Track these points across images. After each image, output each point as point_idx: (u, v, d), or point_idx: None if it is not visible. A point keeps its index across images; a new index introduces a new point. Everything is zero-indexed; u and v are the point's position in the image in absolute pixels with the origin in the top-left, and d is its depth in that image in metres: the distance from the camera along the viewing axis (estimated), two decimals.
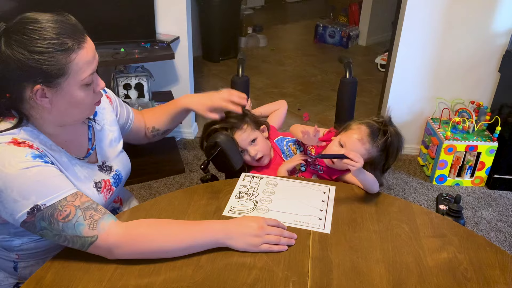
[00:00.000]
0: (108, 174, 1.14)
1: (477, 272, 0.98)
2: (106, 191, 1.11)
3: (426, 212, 1.19)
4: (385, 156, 1.33)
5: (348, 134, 1.33)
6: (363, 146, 1.29)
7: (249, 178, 1.30)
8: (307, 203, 1.20)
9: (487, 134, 2.54)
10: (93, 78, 0.97)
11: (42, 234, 0.92)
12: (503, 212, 2.39)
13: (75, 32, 0.92)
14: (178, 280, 0.92)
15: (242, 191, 1.24)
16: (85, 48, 0.93)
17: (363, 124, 1.32)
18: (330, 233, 1.09)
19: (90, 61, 0.94)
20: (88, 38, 0.95)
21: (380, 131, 1.30)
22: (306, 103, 3.60)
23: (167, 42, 2.50)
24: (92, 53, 0.95)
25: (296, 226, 1.11)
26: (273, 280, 0.93)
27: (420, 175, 2.70)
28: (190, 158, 2.78)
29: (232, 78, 1.71)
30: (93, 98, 1.01)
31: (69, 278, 0.92)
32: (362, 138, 1.29)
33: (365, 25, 5.05)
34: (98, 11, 2.32)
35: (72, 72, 0.92)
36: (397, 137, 1.31)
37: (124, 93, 2.55)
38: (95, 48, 0.97)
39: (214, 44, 4.36)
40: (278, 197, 1.22)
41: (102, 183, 1.11)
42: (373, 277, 0.96)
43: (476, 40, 2.54)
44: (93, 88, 0.99)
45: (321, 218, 1.14)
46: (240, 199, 1.20)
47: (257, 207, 1.17)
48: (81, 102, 0.97)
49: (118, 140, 1.22)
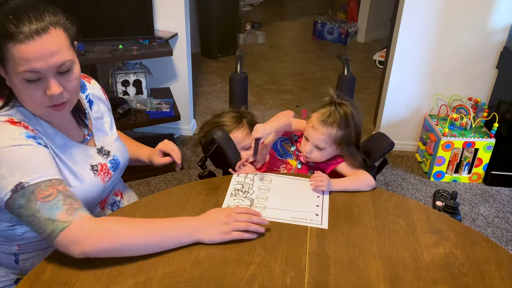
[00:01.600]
0: (105, 158, 1.15)
1: (473, 267, 0.99)
2: (103, 174, 1.12)
3: (423, 208, 1.20)
4: (351, 130, 1.33)
5: (307, 126, 1.37)
6: (317, 132, 1.32)
7: (242, 175, 1.31)
8: (303, 199, 1.21)
9: (485, 131, 2.55)
10: (41, 77, 0.90)
11: (18, 214, 0.90)
12: (500, 208, 2.40)
13: (31, 26, 0.86)
14: (176, 276, 0.93)
15: (238, 188, 1.24)
16: (28, 45, 0.86)
17: (315, 112, 1.36)
18: (327, 228, 1.10)
19: (31, 60, 0.87)
20: (49, 38, 0.88)
21: (331, 110, 1.32)
22: (305, 99, 3.60)
23: (165, 38, 2.50)
24: (36, 53, 0.87)
25: (294, 223, 1.11)
26: (270, 275, 0.94)
27: (418, 171, 2.71)
28: (188, 154, 2.79)
29: (231, 75, 1.72)
30: (43, 99, 0.93)
31: (68, 274, 0.92)
32: (314, 125, 1.33)
33: (363, 21, 5.05)
34: (97, 8, 2.32)
35: (9, 60, 0.88)
36: (350, 108, 1.32)
37: (123, 89, 2.55)
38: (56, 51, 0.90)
39: (213, 41, 4.36)
40: (274, 194, 1.23)
41: (99, 166, 1.12)
42: (370, 272, 0.96)
43: (474, 36, 2.55)
44: (44, 89, 0.92)
45: (318, 214, 1.15)
46: (236, 197, 1.20)
47: (254, 205, 1.17)
48: (26, 95, 0.93)
49: (112, 130, 1.24)
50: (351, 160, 1.35)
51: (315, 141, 1.33)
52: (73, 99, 1.01)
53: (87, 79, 1.22)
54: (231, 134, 1.45)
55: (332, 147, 1.34)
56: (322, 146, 1.33)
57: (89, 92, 1.19)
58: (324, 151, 1.35)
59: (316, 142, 1.33)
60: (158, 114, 2.49)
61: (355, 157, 1.34)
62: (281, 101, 3.54)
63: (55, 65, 0.91)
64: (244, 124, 1.51)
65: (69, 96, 0.97)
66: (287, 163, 1.47)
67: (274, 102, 3.54)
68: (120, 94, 2.56)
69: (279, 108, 3.40)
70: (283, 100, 3.57)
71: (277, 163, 1.48)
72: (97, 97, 1.21)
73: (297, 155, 1.47)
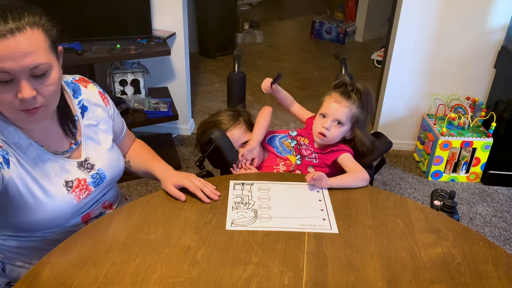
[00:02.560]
0: (86, 173, 1.09)
1: (471, 267, 0.99)
2: (79, 190, 1.07)
3: (420, 207, 1.20)
4: (365, 111, 1.40)
5: (325, 104, 1.39)
6: (342, 106, 1.36)
7: (239, 186, 1.25)
8: (306, 204, 1.19)
9: (483, 130, 2.55)
10: (13, 79, 0.86)
11: None
12: (498, 207, 2.40)
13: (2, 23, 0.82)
14: (174, 276, 0.93)
15: (237, 201, 1.19)
16: None
17: (333, 92, 1.41)
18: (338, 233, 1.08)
19: (1, 59, 0.83)
20: (22, 37, 0.84)
21: (351, 91, 1.39)
22: (303, 99, 3.60)
23: (163, 38, 2.50)
24: (6, 52, 0.83)
25: (304, 230, 1.09)
26: (268, 275, 0.94)
27: (416, 171, 2.72)
28: (187, 154, 2.78)
29: (228, 75, 1.71)
30: (13, 102, 0.88)
31: (65, 275, 0.92)
32: (337, 99, 1.37)
33: (361, 21, 5.05)
34: (94, 7, 2.31)
35: None
36: (366, 89, 1.40)
37: (120, 89, 2.55)
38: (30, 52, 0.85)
39: (211, 40, 4.36)
40: (276, 203, 1.19)
41: (75, 181, 1.06)
42: (367, 272, 0.96)
43: (472, 36, 2.55)
44: (17, 92, 0.87)
45: (325, 218, 1.13)
46: (238, 210, 1.15)
47: (259, 215, 1.13)
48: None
49: (107, 139, 1.17)
50: (360, 143, 1.40)
51: (338, 114, 1.36)
52: (49, 105, 0.95)
53: (84, 83, 1.16)
54: (228, 132, 1.45)
55: (348, 124, 1.38)
56: (343, 120, 1.36)
57: (83, 97, 1.13)
58: (342, 128, 1.38)
59: (339, 116, 1.36)
60: (156, 114, 2.49)
61: (364, 140, 1.40)
62: None
63: (28, 67, 0.86)
64: (241, 121, 1.51)
65: (45, 101, 0.92)
66: (286, 159, 1.47)
67: (272, 101, 3.54)
68: (118, 94, 2.55)
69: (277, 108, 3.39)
70: None
71: (276, 160, 1.49)
72: (94, 103, 1.15)
73: (298, 150, 1.47)
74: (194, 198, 1.18)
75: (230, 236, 1.05)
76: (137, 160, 1.30)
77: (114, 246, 1.00)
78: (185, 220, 1.10)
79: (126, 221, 1.09)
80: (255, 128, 1.48)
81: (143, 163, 1.28)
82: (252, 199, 1.20)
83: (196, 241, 1.03)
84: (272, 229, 1.08)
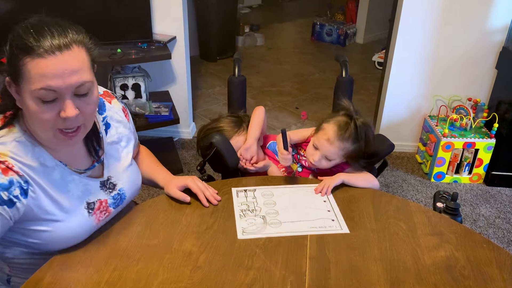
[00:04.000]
0: (108, 193, 1.07)
1: (475, 270, 0.99)
2: (100, 212, 1.04)
3: (423, 210, 1.20)
4: (362, 145, 1.35)
5: (319, 136, 1.35)
6: (333, 146, 1.31)
7: (242, 193, 1.25)
8: (311, 206, 1.19)
9: (485, 131, 2.54)
10: (57, 97, 0.85)
11: None
12: (501, 208, 2.39)
13: (53, 41, 0.82)
14: (176, 281, 0.92)
15: (244, 209, 1.18)
16: (47, 59, 0.81)
17: (330, 123, 1.34)
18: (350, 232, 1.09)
19: (48, 76, 0.82)
20: (71, 56, 0.84)
21: (349, 125, 1.32)
22: (304, 101, 3.60)
23: (163, 42, 2.50)
24: (55, 70, 0.82)
25: (316, 233, 1.09)
26: (271, 280, 0.94)
27: (418, 172, 2.71)
28: (188, 158, 2.78)
29: (229, 78, 1.71)
30: (55, 121, 0.87)
31: (68, 280, 0.92)
32: (329, 138, 1.31)
33: (362, 23, 5.04)
34: (95, 12, 2.32)
35: (25, 77, 0.83)
36: (365, 127, 1.33)
37: (121, 93, 2.55)
38: (76, 70, 0.85)
39: (211, 44, 4.36)
40: (282, 207, 1.19)
41: (97, 203, 1.04)
42: (370, 276, 0.96)
43: (473, 37, 2.54)
44: (59, 111, 0.86)
45: (334, 219, 1.14)
46: (247, 218, 1.14)
47: (267, 221, 1.13)
48: (36, 115, 0.86)
49: (128, 156, 1.15)
50: (357, 169, 1.37)
51: (327, 153, 1.33)
52: (87, 125, 0.94)
53: (108, 98, 1.12)
54: (231, 139, 1.45)
55: (342, 158, 1.35)
56: (333, 157, 1.34)
57: (107, 114, 1.10)
58: (332, 162, 1.36)
59: (328, 154, 1.33)
60: (157, 118, 2.49)
61: (361, 168, 1.37)
62: (280, 103, 3.54)
63: (74, 85, 0.85)
64: (244, 128, 1.51)
65: (84, 120, 0.91)
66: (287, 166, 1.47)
67: (273, 104, 3.53)
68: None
69: (278, 110, 3.39)
70: (282, 102, 3.57)
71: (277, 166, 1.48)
72: (116, 119, 1.12)
73: (298, 159, 1.46)
74: (195, 202, 1.18)
75: (232, 241, 1.05)
76: (140, 166, 1.28)
77: (115, 251, 1.00)
78: (186, 225, 1.09)
79: (127, 226, 1.09)
80: (250, 127, 1.48)
81: (145, 170, 1.27)
82: (258, 205, 1.20)
83: (198, 246, 1.02)
84: (284, 235, 1.08)
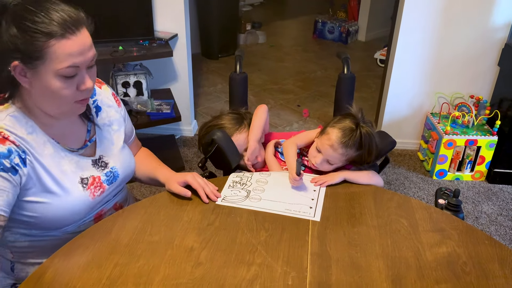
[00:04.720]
0: (100, 171, 1.11)
1: (476, 266, 0.98)
2: (94, 188, 1.08)
3: (425, 206, 1.19)
4: (365, 153, 1.33)
5: (322, 140, 1.34)
6: (335, 152, 1.31)
7: (241, 173, 1.32)
8: (299, 192, 1.23)
9: (487, 128, 2.53)
10: (77, 73, 0.93)
11: None
12: (503, 206, 2.39)
13: (69, 22, 0.89)
14: (177, 277, 0.92)
15: (236, 181, 1.27)
16: (71, 39, 0.89)
17: (335, 128, 1.32)
18: (319, 221, 1.11)
19: (73, 55, 0.90)
20: (84, 33, 0.93)
21: (353, 132, 1.30)
22: (306, 99, 3.59)
23: (165, 39, 2.50)
24: (78, 48, 0.91)
25: (287, 214, 1.13)
26: (272, 276, 0.94)
27: (420, 170, 2.70)
28: (190, 155, 2.78)
29: (230, 75, 1.71)
30: (74, 95, 0.95)
31: (69, 277, 0.92)
32: (333, 144, 1.30)
33: (364, 20, 5.03)
34: (96, 9, 2.32)
35: (49, 58, 0.88)
36: (369, 137, 1.31)
37: (123, 91, 2.55)
38: (90, 46, 0.94)
39: (213, 41, 4.35)
40: (271, 187, 1.25)
41: (90, 179, 1.08)
42: (372, 272, 0.96)
43: (475, 33, 2.54)
44: (77, 84, 0.95)
45: (312, 207, 1.17)
46: (233, 189, 1.23)
47: (250, 196, 1.20)
48: (57, 92, 0.93)
49: (119, 139, 1.19)
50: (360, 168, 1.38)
51: (330, 157, 1.32)
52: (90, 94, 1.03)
53: (98, 84, 1.18)
54: (233, 137, 1.45)
55: (344, 163, 1.35)
56: (335, 162, 1.34)
57: (97, 98, 1.16)
58: (334, 166, 1.35)
59: (330, 159, 1.33)
60: (159, 115, 2.49)
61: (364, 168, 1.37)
62: (282, 101, 3.53)
63: (90, 59, 0.94)
64: (245, 126, 1.50)
65: (92, 91, 1.00)
66: None
67: (275, 102, 3.53)
68: (120, 96, 2.56)
69: (280, 108, 3.39)
70: (284, 99, 3.56)
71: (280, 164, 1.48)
72: (107, 104, 1.17)
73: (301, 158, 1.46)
74: (197, 198, 1.18)
75: (233, 237, 1.05)
76: (141, 166, 1.31)
77: (117, 247, 1.00)
78: (188, 221, 1.10)
79: (129, 223, 1.09)
80: (252, 128, 1.48)
81: (146, 169, 1.29)
82: (250, 181, 1.27)
83: (199, 242, 1.02)
84: (257, 209, 1.14)
